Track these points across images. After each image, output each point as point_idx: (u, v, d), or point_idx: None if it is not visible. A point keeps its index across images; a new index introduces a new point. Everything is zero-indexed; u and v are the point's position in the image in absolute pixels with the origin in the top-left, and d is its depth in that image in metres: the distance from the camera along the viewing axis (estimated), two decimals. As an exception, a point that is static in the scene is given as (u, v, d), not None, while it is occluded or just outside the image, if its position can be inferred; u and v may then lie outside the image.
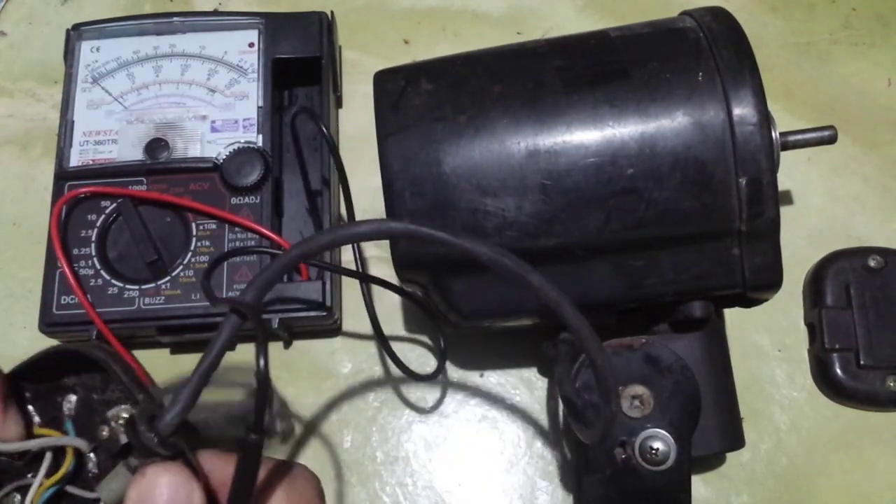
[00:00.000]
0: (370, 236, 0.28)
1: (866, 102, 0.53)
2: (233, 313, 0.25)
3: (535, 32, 0.55)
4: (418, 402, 0.47)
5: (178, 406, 0.25)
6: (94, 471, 0.29)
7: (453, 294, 0.36)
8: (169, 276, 0.44)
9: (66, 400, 0.30)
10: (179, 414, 0.25)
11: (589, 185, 0.33)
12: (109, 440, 0.29)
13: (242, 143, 0.47)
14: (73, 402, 0.30)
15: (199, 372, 0.25)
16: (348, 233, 0.27)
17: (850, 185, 0.51)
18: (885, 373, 0.45)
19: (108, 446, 0.29)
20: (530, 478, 0.45)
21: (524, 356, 0.47)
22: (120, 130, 0.48)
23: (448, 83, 0.36)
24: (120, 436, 0.29)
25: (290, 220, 0.48)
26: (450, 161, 0.34)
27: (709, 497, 0.44)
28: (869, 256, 0.47)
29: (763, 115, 0.33)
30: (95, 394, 0.30)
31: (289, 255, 0.26)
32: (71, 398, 0.30)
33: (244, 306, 0.25)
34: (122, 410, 0.29)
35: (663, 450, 0.36)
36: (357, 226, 0.27)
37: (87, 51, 0.50)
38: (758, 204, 0.33)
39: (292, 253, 0.26)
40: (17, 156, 0.53)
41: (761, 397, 0.46)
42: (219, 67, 0.49)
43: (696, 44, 0.35)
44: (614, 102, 0.34)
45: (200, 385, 0.25)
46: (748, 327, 0.48)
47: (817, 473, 0.45)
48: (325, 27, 0.50)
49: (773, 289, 0.36)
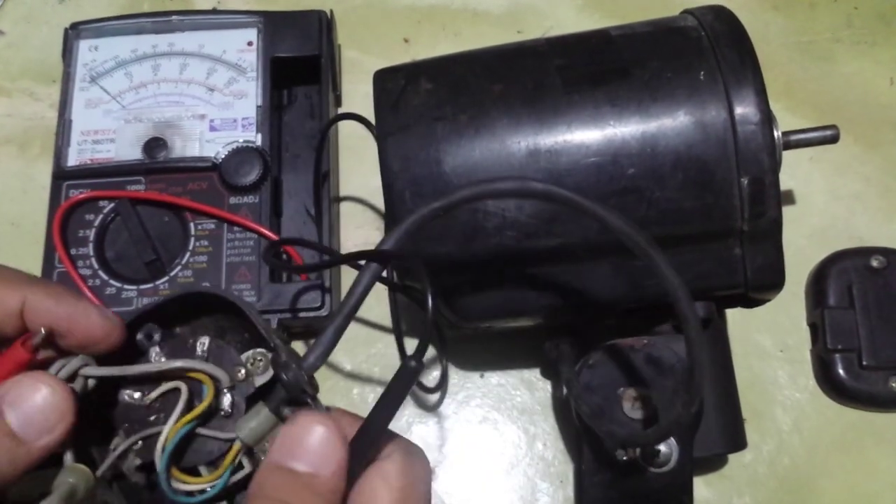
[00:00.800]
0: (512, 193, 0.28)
1: (868, 101, 0.53)
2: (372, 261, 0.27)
3: (536, 31, 0.55)
4: (419, 402, 0.47)
5: (320, 347, 0.26)
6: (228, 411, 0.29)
7: (455, 295, 0.36)
8: (167, 276, 0.44)
9: (199, 342, 0.30)
10: (322, 355, 0.26)
11: (590, 184, 0.33)
12: (245, 382, 0.29)
13: (241, 142, 0.47)
14: (207, 344, 0.30)
15: (342, 315, 0.26)
16: (491, 188, 0.28)
17: (853, 185, 0.51)
18: (887, 373, 0.45)
19: (242, 388, 0.29)
20: (531, 479, 0.45)
21: (525, 357, 0.47)
22: (118, 129, 0.48)
23: (448, 82, 0.35)
24: (256, 377, 0.29)
25: (288, 219, 0.48)
26: (450, 160, 0.34)
27: (711, 498, 0.44)
28: (871, 256, 0.47)
29: (765, 114, 0.33)
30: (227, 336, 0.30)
31: (430, 207, 0.27)
32: (204, 340, 0.30)
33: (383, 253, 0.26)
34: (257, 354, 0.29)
35: (665, 451, 0.36)
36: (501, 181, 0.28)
37: (85, 50, 0.50)
38: (760, 204, 0.33)
39: (434, 205, 0.27)
40: (15, 155, 0.53)
41: (763, 398, 0.46)
42: (217, 66, 0.49)
43: (697, 43, 0.35)
44: (615, 102, 0.34)
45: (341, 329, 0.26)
46: (750, 328, 0.47)
47: (819, 474, 0.45)
48: (324, 26, 0.50)
49: (776, 289, 0.36)
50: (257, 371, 0.29)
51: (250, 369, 0.29)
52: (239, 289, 0.44)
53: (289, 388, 0.26)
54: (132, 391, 0.29)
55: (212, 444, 0.29)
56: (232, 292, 0.29)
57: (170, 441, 0.28)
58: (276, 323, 0.44)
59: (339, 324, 0.26)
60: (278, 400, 0.27)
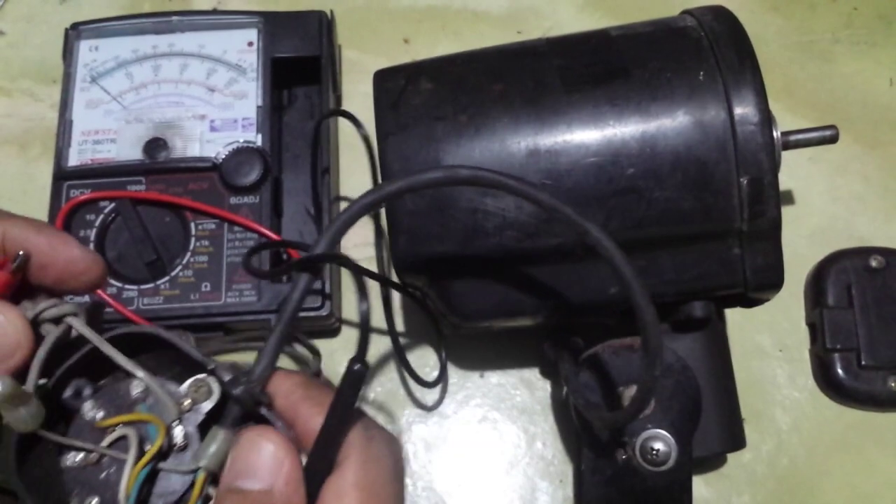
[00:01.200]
0: (440, 182, 0.28)
1: (868, 102, 0.53)
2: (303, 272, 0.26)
3: (536, 31, 0.55)
4: (418, 402, 0.47)
5: (266, 357, 0.26)
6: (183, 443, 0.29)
7: (453, 295, 0.36)
8: (168, 276, 0.44)
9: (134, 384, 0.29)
10: (267, 366, 0.26)
11: (589, 184, 0.33)
12: (192, 411, 0.28)
13: (241, 142, 0.47)
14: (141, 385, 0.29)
15: (282, 322, 0.26)
16: (420, 179, 0.27)
17: (852, 185, 0.51)
18: (886, 373, 0.45)
19: (191, 418, 0.28)
20: (530, 478, 0.45)
21: (524, 357, 0.47)
22: (119, 130, 0.48)
23: (448, 82, 0.36)
24: (202, 404, 0.29)
25: (289, 219, 0.48)
26: (450, 160, 0.34)
27: (710, 497, 0.44)
28: (870, 256, 0.47)
29: (764, 114, 0.33)
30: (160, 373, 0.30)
31: (360, 203, 0.26)
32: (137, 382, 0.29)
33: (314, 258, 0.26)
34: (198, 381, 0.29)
35: (664, 450, 0.36)
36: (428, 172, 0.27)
37: (85, 50, 0.50)
38: (759, 204, 0.33)
39: (364, 200, 0.27)
40: (16, 155, 0.53)
41: (762, 397, 0.46)
42: (218, 67, 0.49)
43: (697, 43, 0.35)
44: (615, 102, 0.34)
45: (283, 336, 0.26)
46: (749, 327, 0.48)
47: (818, 474, 0.45)
48: (324, 26, 0.50)
49: (775, 289, 0.36)
50: (202, 398, 0.28)
51: (195, 397, 0.28)
52: (239, 289, 0.44)
53: (242, 402, 0.26)
54: (74, 455, 0.28)
55: (175, 481, 0.28)
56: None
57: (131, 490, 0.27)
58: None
59: (280, 331, 0.26)
60: (232, 417, 0.26)
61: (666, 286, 0.36)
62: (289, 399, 0.27)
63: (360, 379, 0.25)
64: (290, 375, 0.28)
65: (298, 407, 0.27)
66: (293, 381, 0.28)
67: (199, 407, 0.28)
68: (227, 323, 0.44)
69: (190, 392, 0.29)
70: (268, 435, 0.25)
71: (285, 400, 0.27)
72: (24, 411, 0.26)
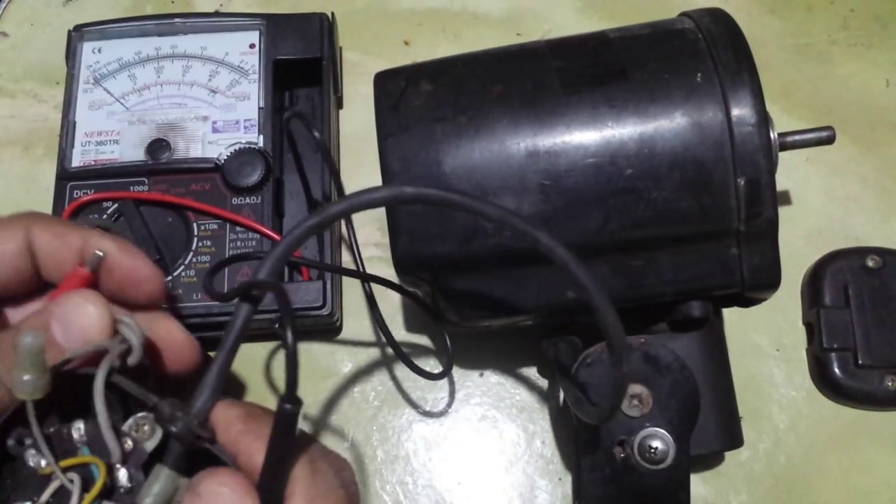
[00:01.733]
0: (384, 202, 0.27)
1: (865, 103, 0.53)
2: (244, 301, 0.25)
3: (535, 33, 0.55)
4: (418, 401, 0.47)
5: (207, 389, 0.25)
6: (127, 485, 0.28)
7: (454, 294, 0.37)
8: (170, 276, 0.45)
9: (74, 428, 0.28)
10: (210, 398, 0.25)
11: (588, 185, 0.34)
12: (135, 451, 0.28)
13: (243, 143, 0.47)
14: (82, 427, 0.28)
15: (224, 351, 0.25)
16: (363, 199, 0.26)
17: (849, 186, 0.51)
18: (882, 372, 0.45)
19: (135, 458, 0.28)
20: (530, 477, 0.45)
21: (524, 355, 0.47)
22: (121, 131, 0.48)
23: (448, 84, 0.36)
24: (146, 443, 0.28)
25: (291, 220, 0.48)
26: (450, 161, 0.34)
27: (707, 496, 0.45)
28: (867, 256, 0.47)
29: (761, 115, 0.33)
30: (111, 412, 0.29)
31: (303, 226, 0.26)
32: (79, 425, 0.28)
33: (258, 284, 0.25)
34: (139, 419, 0.28)
35: (662, 448, 0.36)
36: (372, 192, 0.26)
37: (88, 52, 0.50)
38: (756, 204, 0.33)
39: (308, 223, 0.26)
40: (19, 156, 0.53)
41: (760, 396, 0.47)
42: (220, 68, 0.49)
43: (694, 45, 0.35)
44: (613, 103, 0.34)
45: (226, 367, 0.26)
46: (747, 327, 0.48)
47: (816, 472, 0.45)
48: (325, 28, 0.50)
49: (772, 288, 0.36)
50: (144, 436, 0.28)
51: (136, 436, 0.28)
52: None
53: (181, 439, 0.25)
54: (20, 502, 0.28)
55: None
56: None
57: None
58: (277, 322, 0.44)
59: (222, 362, 0.25)
60: (175, 455, 0.26)
61: (664, 286, 0.36)
62: (229, 433, 0.26)
63: (292, 419, 0.24)
64: (230, 406, 0.27)
65: (239, 441, 0.26)
66: (233, 412, 0.27)
67: (141, 446, 0.28)
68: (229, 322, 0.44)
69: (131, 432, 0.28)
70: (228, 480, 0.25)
71: (225, 434, 0.26)
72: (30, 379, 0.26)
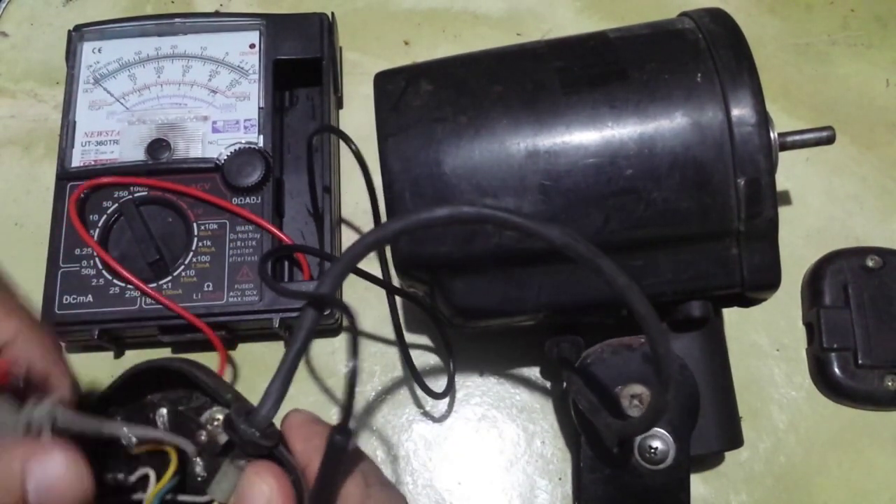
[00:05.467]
0: (443, 221, 0.27)
1: (864, 103, 0.54)
2: (309, 307, 0.26)
3: (535, 34, 0.55)
4: (418, 401, 0.47)
5: (271, 398, 0.26)
6: (203, 475, 0.29)
7: (455, 295, 0.37)
8: (170, 275, 0.45)
9: (158, 414, 0.30)
10: (274, 406, 0.26)
11: (588, 185, 0.34)
12: (210, 443, 0.29)
13: (243, 143, 0.47)
14: (165, 415, 0.30)
15: (286, 366, 0.26)
16: (422, 218, 0.26)
17: (849, 186, 0.51)
18: (882, 372, 0.45)
19: (210, 449, 0.29)
20: (530, 476, 0.45)
21: (524, 356, 0.47)
22: (121, 131, 0.48)
23: (448, 84, 0.36)
24: (219, 437, 0.29)
25: (290, 220, 0.48)
26: (450, 161, 0.34)
27: (707, 496, 0.45)
28: (867, 256, 0.47)
29: (761, 115, 0.33)
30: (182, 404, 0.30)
31: (363, 243, 0.26)
32: (162, 412, 0.30)
33: (320, 298, 0.26)
34: (215, 412, 0.29)
35: (662, 449, 0.36)
36: (431, 211, 0.26)
37: (88, 52, 0.50)
38: (756, 204, 0.33)
39: (367, 240, 0.26)
40: (20, 156, 0.53)
41: (760, 396, 0.47)
42: (220, 68, 0.49)
43: (694, 45, 0.35)
44: (613, 103, 0.34)
45: (289, 378, 0.26)
46: (747, 327, 0.48)
47: (815, 472, 0.45)
48: (325, 28, 0.50)
49: (772, 288, 0.36)
50: (219, 430, 0.29)
51: (211, 430, 0.29)
52: (241, 288, 0.44)
53: (243, 447, 0.26)
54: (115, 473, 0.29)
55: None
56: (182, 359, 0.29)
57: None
58: (277, 322, 0.44)
59: (286, 371, 0.26)
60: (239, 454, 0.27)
61: (664, 286, 0.36)
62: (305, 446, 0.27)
63: (340, 451, 0.25)
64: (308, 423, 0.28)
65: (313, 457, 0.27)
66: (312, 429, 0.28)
67: (216, 439, 0.29)
68: (229, 322, 0.44)
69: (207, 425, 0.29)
70: (265, 475, 0.25)
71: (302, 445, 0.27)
72: None
